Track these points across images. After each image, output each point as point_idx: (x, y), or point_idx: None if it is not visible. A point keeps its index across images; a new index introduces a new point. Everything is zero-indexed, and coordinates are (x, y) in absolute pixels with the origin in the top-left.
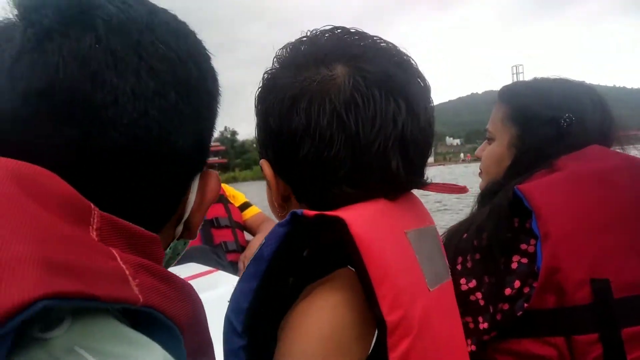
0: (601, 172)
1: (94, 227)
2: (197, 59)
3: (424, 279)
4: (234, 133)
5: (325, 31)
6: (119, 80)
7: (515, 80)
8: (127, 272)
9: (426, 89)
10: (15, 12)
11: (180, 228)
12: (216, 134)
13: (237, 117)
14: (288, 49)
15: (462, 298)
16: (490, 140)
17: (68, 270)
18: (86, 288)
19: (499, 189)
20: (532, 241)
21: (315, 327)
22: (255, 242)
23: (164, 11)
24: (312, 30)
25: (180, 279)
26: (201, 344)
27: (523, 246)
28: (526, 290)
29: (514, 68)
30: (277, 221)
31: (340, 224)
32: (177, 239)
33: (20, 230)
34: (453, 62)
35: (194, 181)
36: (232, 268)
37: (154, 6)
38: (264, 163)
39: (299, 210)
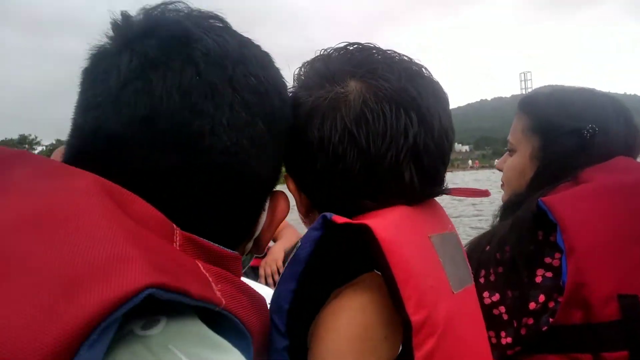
0: (628, 184)
1: (177, 243)
2: (280, 90)
3: (447, 281)
4: None
5: (339, 48)
6: (215, 111)
7: (524, 86)
8: (210, 279)
9: (442, 100)
10: (111, 34)
11: (250, 244)
12: None
13: None
14: (304, 68)
15: (485, 312)
16: (512, 151)
17: (165, 269)
18: (182, 285)
19: (521, 201)
20: (557, 255)
21: (345, 328)
22: (276, 248)
23: (251, 42)
24: (327, 48)
25: (256, 291)
26: (261, 353)
27: (547, 260)
28: (551, 304)
29: (522, 75)
30: (298, 227)
31: (366, 229)
32: (246, 254)
33: (122, 233)
34: (462, 68)
35: (266, 202)
36: (252, 274)
37: (242, 38)
38: (287, 177)
39: (328, 214)
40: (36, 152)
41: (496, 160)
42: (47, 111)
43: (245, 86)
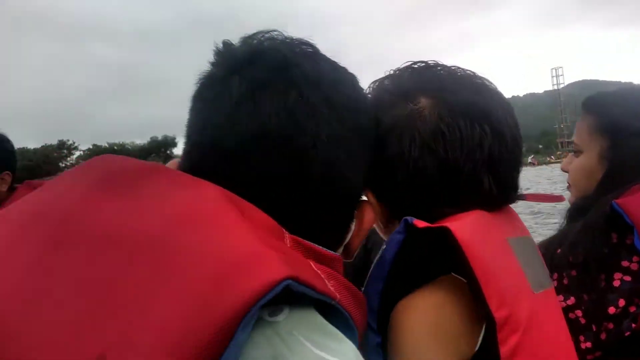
0: None
1: (288, 246)
2: (366, 106)
3: (527, 282)
4: None
5: (406, 67)
6: (316, 128)
7: (555, 82)
8: (322, 276)
9: (508, 108)
10: (214, 61)
11: (340, 250)
12: None
13: None
14: (372, 87)
15: None
16: (577, 152)
17: (292, 265)
18: (308, 279)
19: (590, 203)
20: (635, 258)
21: (418, 324)
22: None
23: (338, 65)
24: (394, 69)
25: (360, 291)
26: (360, 349)
27: (625, 263)
28: (632, 309)
29: (554, 70)
30: None
31: (446, 232)
32: None
33: (252, 234)
34: (492, 65)
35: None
36: None
37: (332, 61)
38: (366, 190)
39: (409, 218)
40: (74, 156)
41: (530, 157)
42: (83, 117)
43: (340, 104)
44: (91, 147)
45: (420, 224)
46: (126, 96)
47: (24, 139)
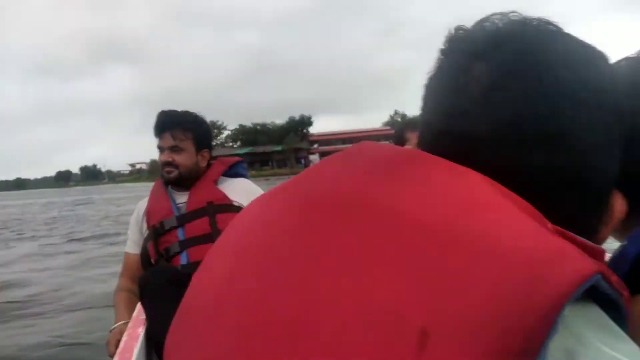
0: None
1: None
2: (624, 87)
3: None
4: (404, 116)
5: None
6: (573, 113)
7: None
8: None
9: None
10: (443, 48)
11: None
12: (386, 118)
13: (405, 99)
14: (623, 66)
15: None
16: None
17: (590, 258)
18: (607, 273)
19: None
20: None
21: None
22: None
23: (586, 42)
24: None
25: (626, 287)
26: None
27: None
28: None
29: None
30: None
31: None
32: None
33: (538, 223)
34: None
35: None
36: None
37: (579, 39)
38: None
39: None
40: (224, 135)
41: None
42: (229, 100)
43: (597, 86)
44: (237, 127)
45: None
46: (266, 79)
47: None
